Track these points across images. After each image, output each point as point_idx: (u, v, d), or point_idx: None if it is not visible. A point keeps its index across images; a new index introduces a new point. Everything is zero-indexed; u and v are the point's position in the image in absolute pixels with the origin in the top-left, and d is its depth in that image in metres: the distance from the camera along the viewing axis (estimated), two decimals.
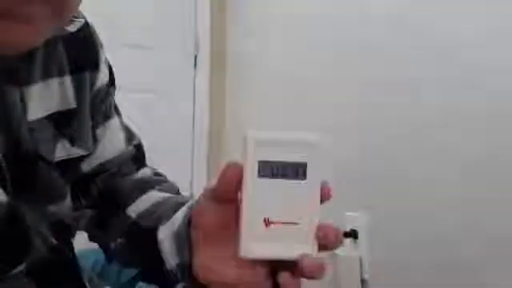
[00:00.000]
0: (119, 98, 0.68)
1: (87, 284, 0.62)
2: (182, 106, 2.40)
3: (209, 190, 0.47)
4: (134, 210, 0.61)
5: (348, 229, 1.76)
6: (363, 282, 1.78)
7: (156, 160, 0.74)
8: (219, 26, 2.45)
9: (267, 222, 0.42)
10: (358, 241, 1.79)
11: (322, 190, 0.43)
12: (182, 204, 0.57)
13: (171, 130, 2.34)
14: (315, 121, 1.91)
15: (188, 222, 0.52)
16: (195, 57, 2.42)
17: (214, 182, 0.45)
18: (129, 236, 0.59)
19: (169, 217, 0.56)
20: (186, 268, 0.52)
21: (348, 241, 1.75)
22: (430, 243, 1.65)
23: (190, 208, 0.55)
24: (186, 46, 2.39)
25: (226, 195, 0.44)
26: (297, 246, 0.42)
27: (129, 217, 0.60)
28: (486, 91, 1.56)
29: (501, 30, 1.54)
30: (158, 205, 0.60)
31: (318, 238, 0.44)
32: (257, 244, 0.42)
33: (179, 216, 0.55)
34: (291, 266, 0.44)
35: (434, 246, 1.64)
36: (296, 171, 0.42)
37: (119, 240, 0.60)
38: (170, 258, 0.54)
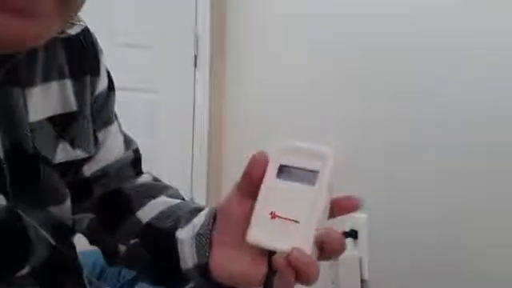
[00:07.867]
0: (119, 97, 0.68)
1: (87, 285, 0.62)
2: (181, 106, 2.40)
3: (235, 183, 0.51)
4: (146, 214, 0.61)
5: (348, 229, 1.76)
6: (363, 282, 1.78)
7: (156, 159, 0.74)
8: (219, 26, 2.45)
9: (273, 215, 0.48)
10: (358, 241, 1.78)
11: (348, 201, 0.49)
12: (200, 210, 0.59)
13: (171, 129, 2.34)
14: (316, 121, 1.92)
15: (212, 223, 0.55)
16: (195, 57, 2.42)
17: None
18: (144, 237, 0.60)
19: (189, 219, 0.57)
20: (204, 268, 0.54)
21: (348, 241, 1.75)
22: (431, 243, 1.65)
23: (214, 210, 0.57)
24: (185, 46, 2.39)
25: (249, 188, 0.49)
26: (292, 242, 0.47)
27: (139, 220, 0.61)
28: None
29: None
30: (173, 208, 0.61)
31: (320, 241, 0.47)
32: (260, 232, 0.48)
33: (201, 218, 0.57)
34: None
35: (434, 246, 1.64)
36: (308, 177, 0.48)
37: (132, 241, 0.60)
38: (188, 259, 0.55)
